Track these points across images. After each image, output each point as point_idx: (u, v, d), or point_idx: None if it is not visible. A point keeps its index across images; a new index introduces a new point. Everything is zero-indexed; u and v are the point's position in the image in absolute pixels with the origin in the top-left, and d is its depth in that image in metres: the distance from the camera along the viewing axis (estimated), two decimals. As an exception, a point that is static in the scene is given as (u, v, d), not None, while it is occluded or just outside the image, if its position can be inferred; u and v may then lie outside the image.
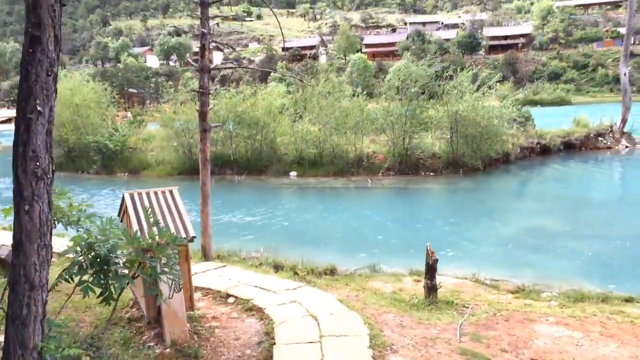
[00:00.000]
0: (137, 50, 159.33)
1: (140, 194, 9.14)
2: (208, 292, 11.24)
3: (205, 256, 13.32)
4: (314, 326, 9.13)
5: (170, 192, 9.34)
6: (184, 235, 8.55)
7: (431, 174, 31.55)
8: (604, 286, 13.30)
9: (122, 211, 9.62)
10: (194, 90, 12.79)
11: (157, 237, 6.53)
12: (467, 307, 10.84)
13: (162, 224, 8.61)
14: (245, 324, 9.71)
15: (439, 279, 11.61)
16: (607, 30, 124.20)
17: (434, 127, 33.63)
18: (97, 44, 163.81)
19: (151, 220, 7.01)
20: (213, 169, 34.80)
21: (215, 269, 12.81)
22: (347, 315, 9.63)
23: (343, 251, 17.45)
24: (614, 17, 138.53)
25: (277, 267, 13.68)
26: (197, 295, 11.08)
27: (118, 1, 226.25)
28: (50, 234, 5.26)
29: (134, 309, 10.07)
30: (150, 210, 8.09)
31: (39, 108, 4.95)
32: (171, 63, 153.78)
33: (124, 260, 6.35)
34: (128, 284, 6.13)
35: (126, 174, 35.10)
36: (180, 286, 8.74)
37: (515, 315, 10.10)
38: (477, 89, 32.47)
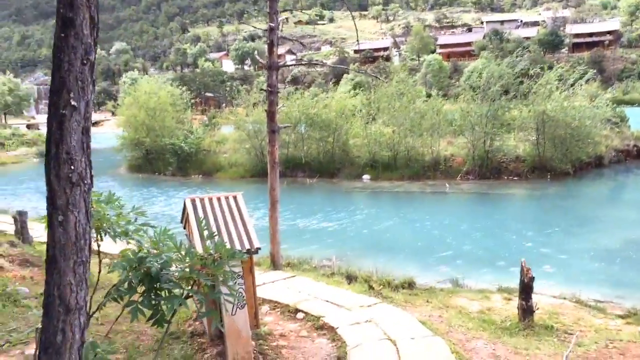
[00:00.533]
0: (214, 55, 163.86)
1: (202, 200, 8.38)
2: (276, 305, 10.36)
3: (274, 264, 12.50)
4: (392, 353, 7.99)
5: (235, 198, 8.52)
6: (247, 247, 7.69)
7: (515, 178, 29.43)
8: None
9: (185, 218, 8.91)
10: (262, 90, 12.07)
11: (213, 252, 5.67)
12: (571, 334, 9.32)
13: (223, 234, 7.81)
14: (315, 344, 8.72)
15: (534, 298, 10.14)
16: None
17: (517, 129, 31.47)
18: (177, 50, 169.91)
19: (206, 232, 6.12)
20: (284, 172, 34.68)
21: (285, 279, 11.94)
22: (431, 342, 8.41)
23: (421, 262, 16.15)
24: None
25: (350, 278, 12.64)
26: (264, 308, 10.24)
27: (196, 9, 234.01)
28: (89, 248, 4.52)
29: (197, 322, 9.35)
30: (204, 220, 7.29)
31: (73, 102, 4.15)
32: (246, 67, 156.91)
33: (177, 277, 5.55)
34: (181, 305, 5.30)
35: (200, 175, 35.33)
36: (244, 302, 7.90)
37: (632, 348, 8.49)
38: (571, 87, 30.02)
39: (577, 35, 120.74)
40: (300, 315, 9.84)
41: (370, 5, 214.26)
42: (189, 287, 5.54)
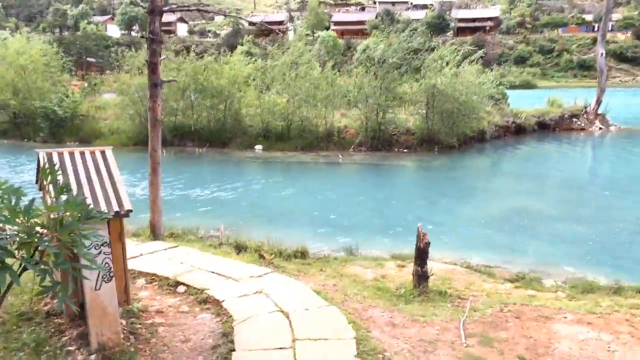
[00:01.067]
0: (98, 19, 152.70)
1: (62, 154, 7.00)
2: (154, 278, 9.20)
3: (155, 234, 11.25)
4: (285, 326, 7.25)
5: (102, 153, 7.23)
6: (115, 209, 6.49)
7: (405, 150, 29.89)
8: (608, 274, 11.90)
9: (39, 178, 7.49)
10: (142, 37, 10.59)
11: (64, 211, 4.50)
12: (464, 299, 9.15)
13: (86, 194, 6.55)
14: (198, 320, 7.74)
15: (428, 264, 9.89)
16: (572, 17, 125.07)
17: (408, 102, 31.94)
18: (55, 11, 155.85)
19: (59, 185, 4.93)
20: (172, 140, 32.70)
21: (165, 249, 10.76)
22: (326, 312, 7.77)
23: (315, 232, 15.58)
24: (579, 3, 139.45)
25: (240, 249, 11.74)
26: (139, 282, 9.05)
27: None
28: None
29: (56, 299, 7.99)
30: (61, 177, 6.02)
31: None
32: (133, 33, 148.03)
33: (13, 243, 4.34)
34: (12, 281, 4.09)
35: (76, 142, 32.22)
36: (111, 274, 6.73)
37: (526, 311, 8.43)
38: (460, 65, 30.91)
39: (461, 20, 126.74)
40: (181, 288, 8.78)
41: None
42: (29, 256, 4.36)
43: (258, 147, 30.54)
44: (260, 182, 23.15)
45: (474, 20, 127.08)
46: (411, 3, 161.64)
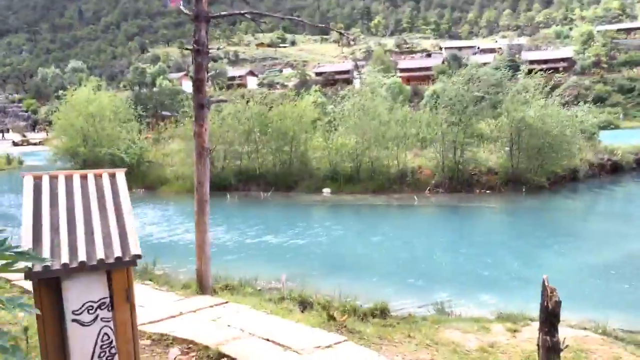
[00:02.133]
0: (174, 75, 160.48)
1: (54, 178, 5.10)
2: (190, 347, 7.05)
3: (202, 287, 9.24)
4: None
5: (112, 176, 5.30)
6: (117, 253, 4.47)
7: (487, 191, 26.93)
8: None
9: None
10: (186, 49, 8.89)
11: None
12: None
13: (78, 232, 4.58)
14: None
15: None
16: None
17: (488, 140, 29.24)
18: (135, 69, 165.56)
19: None
20: (236, 185, 31.47)
21: (212, 306, 8.65)
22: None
23: (394, 283, 13.10)
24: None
25: (305, 305, 9.50)
26: (172, 352, 6.93)
27: (156, 29, 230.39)
28: None
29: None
30: (46, 210, 4.11)
31: None
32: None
33: None
34: None
35: (142, 189, 31.56)
36: (112, 351, 4.66)
37: None
38: (548, 96, 28.14)
39: (532, 62, 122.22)
40: (225, 362, 6.59)
41: (331, 29, 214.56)
42: None
43: (326, 190, 28.59)
44: (329, 228, 20.81)
45: (545, 61, 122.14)
46: (478, 47, 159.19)
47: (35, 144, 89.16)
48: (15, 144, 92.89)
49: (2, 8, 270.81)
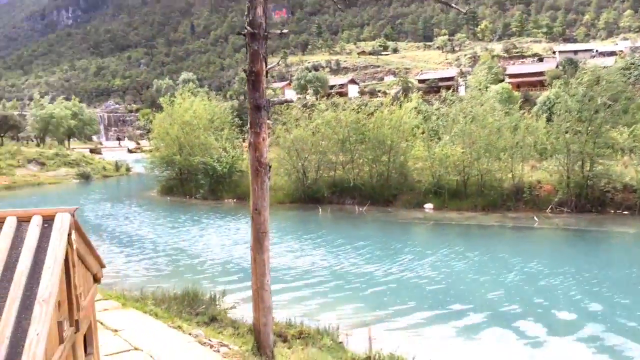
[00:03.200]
0: (277, 85, 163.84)
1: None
2: None
3: (259, 344, 6.99)
4: None
5: (48, 221, 3.14)
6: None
7: (624, 212, 22.64)
8: None
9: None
10: (238, 33, 6.77)
11: None
12: None
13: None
14: None
15: None
16: None
17: (624, 150, 24.86)
18: (241, 80, 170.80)
19: None
20: (331, 197, 29.35)
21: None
22: None
23: (524, 334, 10.13)
24: None
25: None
26: None
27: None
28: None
29: None
30: None
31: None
32: (307, 96, 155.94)
33: None
34: None
35: (234, 200, 30.47)
36: None
37: None
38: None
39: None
40: None
41: (435, 35, 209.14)
42: None
43: (428, 206, 25.67)
44: (434, 253, 17.75)
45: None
46: (596, 50, 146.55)
47: (146, 152, 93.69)
48: (130, 151, 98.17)
49: (124, 25, 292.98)
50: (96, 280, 4.14)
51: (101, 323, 7.93)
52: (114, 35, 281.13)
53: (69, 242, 3.04)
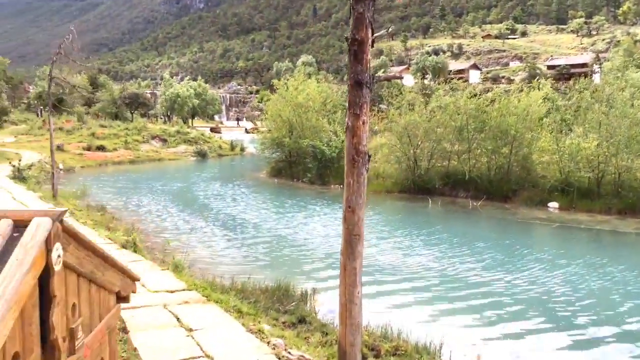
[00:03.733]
0: (395, 69, 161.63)
1: None
2: None
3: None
4: None
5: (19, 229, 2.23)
6: None
7: None
8: None
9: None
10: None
11: None
12: None
13: None
14: None
15: None
16: None
17: None
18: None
19: None
20: (442, 189, 27.52)
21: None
22: None
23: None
24: None
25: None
26: None
27: (381, 24, 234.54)
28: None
29: None
30: None
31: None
32: (426, 81, 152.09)
33: None
34: None
35: (340, 186, 29.68)
36: None
37: None
38: None
39: None
40: None
41: (570, 18, 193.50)
42: None
43: (552, 204, 23.04)
44: (565, 261, 15.15)
45: None
46: None
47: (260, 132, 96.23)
48: (247, 131, 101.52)
49: (250, 9, 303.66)
50: (121, 299, 3.26)
51: (178, 319, 7.34)
52: (240, 19, 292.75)
53: (48, 261, 2.09)
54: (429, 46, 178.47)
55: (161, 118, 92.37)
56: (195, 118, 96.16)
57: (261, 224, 19.94)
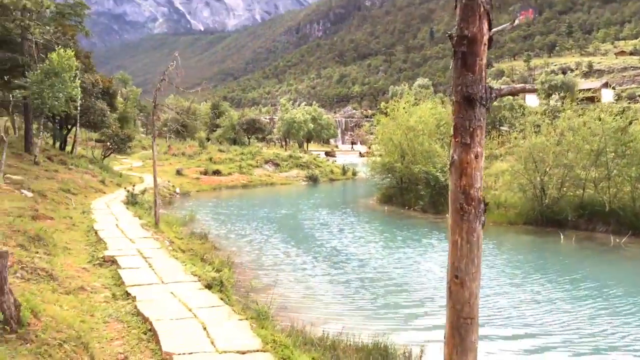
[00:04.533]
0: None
1: None
2: None
3: None
4: None
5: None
6: None
7: None
8: None
9: None
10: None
11: None
12: None
13: None
14: None
15: None
16: None
17: None
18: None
19: None
20: (577, 222, 24.05)
21: None
22: None
23: None
24: None
25: None
26: None
27: (502, 44, 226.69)
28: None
29: None
30: None
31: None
32: (552, 102, 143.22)
33: None
34: None
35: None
36: None
37: None
38: None
39: None
40: None
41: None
42: None
43: None
44: None
45: None
46: None
47: (371, 156, 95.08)
48: (361, 155, 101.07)
49: (367, 34, 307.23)
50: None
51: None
52: (356, 45, 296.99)
53: None
54: (555, 65, 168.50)
55: (278, 142, 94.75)
56: (311, 142, 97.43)
57: (367, 261, 18.19)
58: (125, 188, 26.42)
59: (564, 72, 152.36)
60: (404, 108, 31.88)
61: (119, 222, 17.29)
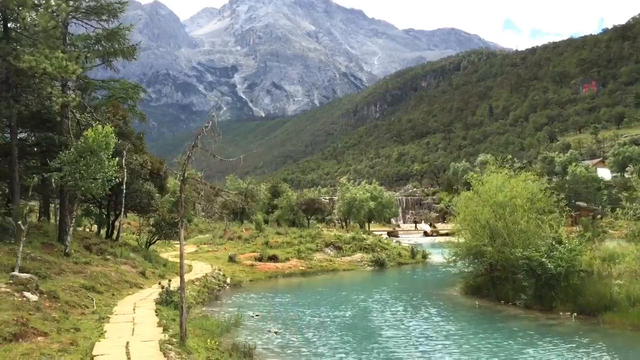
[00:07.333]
0: (586, 162, 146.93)
1: None
2: None
3: None
4: None
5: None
6: None
7: None
8: None
9: None
10: None
11: None
12: None
13: None
14: None
15: None
16: None
17: None
18: (543, 159, 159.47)
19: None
20: None
21: None
22: None
23: None
24: None
25: None
26: None
27: (567, 117, 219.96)
28: None
29: None
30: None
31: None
32: (626, 175, 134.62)
33: None
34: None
35: (574, 314, 21.11)
36: None
37: None
38: None
39: None
40: None
41: None
42: None
43: None
44: None
45: None
46: None
47: (443, 235, 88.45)
48: (425, 234, 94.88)
49: (424, 113, 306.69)
50: None
51: None
52: (414, 124, 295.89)
53: None
54: (625, 136, 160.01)
55: (338, 223, 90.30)
56: (372, 222, 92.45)
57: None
58: (158, 283, 22.17)
59: (636, 144, 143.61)
60: (491, 182, 26.66)
61: (133, 338, 12.75)
